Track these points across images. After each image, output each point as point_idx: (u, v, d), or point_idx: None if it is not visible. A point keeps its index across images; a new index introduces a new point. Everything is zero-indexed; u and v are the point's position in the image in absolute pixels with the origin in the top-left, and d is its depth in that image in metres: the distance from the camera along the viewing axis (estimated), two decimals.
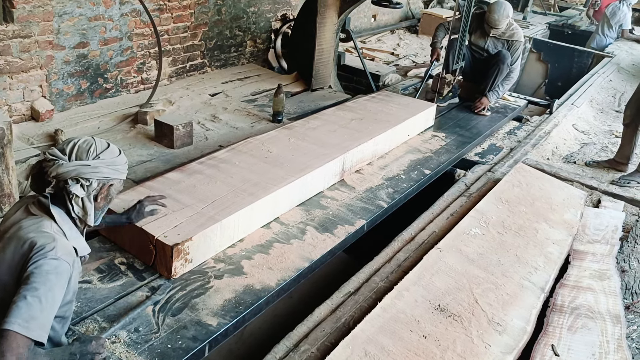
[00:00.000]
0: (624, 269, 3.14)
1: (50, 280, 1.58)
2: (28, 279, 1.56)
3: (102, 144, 1.80)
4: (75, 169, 1.71)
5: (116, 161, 1.80)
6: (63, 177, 1.72)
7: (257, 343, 3.18)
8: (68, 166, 1.71)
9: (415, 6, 9.48)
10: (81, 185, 1.73)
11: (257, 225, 2.89)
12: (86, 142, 1.77)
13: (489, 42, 5.02)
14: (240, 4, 5.74)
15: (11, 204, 3.11)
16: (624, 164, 4.49)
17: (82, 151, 1.74)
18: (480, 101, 5.00)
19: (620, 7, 8.79)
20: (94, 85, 4.59)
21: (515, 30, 4.96)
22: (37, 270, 1.57)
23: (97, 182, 1.76)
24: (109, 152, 1.79)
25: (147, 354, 2.05)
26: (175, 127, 3.95)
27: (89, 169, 1.73)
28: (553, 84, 9.03)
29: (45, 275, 1.57)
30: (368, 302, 2.59)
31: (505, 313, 2.55)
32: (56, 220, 1.71)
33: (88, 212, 1.77)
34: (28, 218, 1.71)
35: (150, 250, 2.46)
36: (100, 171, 1.75)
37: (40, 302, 1.54)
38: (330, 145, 3.53)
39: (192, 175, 3.02)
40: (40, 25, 3.99)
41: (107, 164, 1.77)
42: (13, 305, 1.52)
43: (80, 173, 1.72)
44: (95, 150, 1.76)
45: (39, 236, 1.64)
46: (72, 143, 1.76)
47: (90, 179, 1.74)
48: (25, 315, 1.51)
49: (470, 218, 3.28)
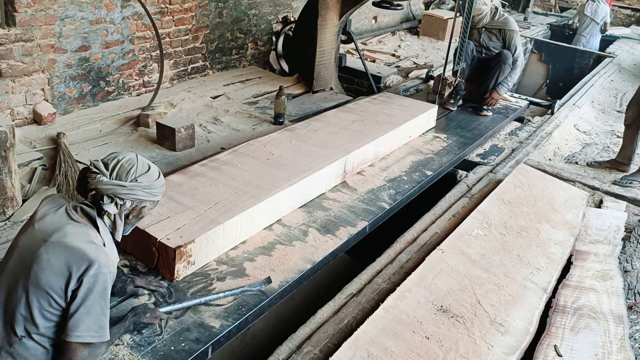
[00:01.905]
0: (627, 269, 3.13)
1: (107, 291, 1.74)
2: (89, 294, 1.69)
3: (143, 167, 1.86)
4: (112, 188, 1.79)
5: (153, 185, 1.87)
6: (100, 192, 1.79)
7: (259, 345, 3.19)
8: (106, 183, 1.79)
9: (416, 8, 9.49)
10: (115, 204, 1.81)
11: (259, 227, 2.89)
12: (129, 161, 1.84)
13: (483, 36, 5.02)
14: (241, 7, 5.75)
15: (14, 207, 3.12)
16: (625, 165, 4.49)
17: (123, 171, 1.81)
18: (492, 97, 5.01)
19: (598, 4, 8.80)
20: (95, 89, 4.61)
21: (505, 19, 4.97)
22: (96, 287, 1.70)
23: (131, 202, 1.84)
24: (148, 175, 1.86)
25: (150, 356, 2.05)
26: (177, 130, 3.96)
27: (125, 189, 1.80)
28: (554, 84, 9.04)
29: (103, 290, 1.72)
30: (370, 304, 2.59)
31: (508, 314, 2.55)
32: (99, 230, 1.79)
33: (117, 229, 1.86)
34: (72, 224, 1.76)
35: (153, 253, 2.47)
36: (135, 193, 1.83)
37: (103, 312, 1.73)
38: (332, 147, 3.54)
39: (194, 177, 3.03)
40: (42, 29, 4.01)
41: (144, 187, 1.84)
42: (78, 318, 1.68)
43: (116, 192, 1.79)
44: (134, 172, 1.83)
45: (90, 248, 1.72)
46: (116, 160, 1.83)
47: (125, 199, 1.82)
48: (94, 326, 1.70)
49: (472, 219, 3.28)
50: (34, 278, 1.68)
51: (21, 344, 1.70)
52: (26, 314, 1.69)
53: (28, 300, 1.68)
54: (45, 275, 1.68)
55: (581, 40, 8.95)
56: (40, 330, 1.71)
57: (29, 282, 1.68)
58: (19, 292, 1.70)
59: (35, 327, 1.70)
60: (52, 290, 1.68)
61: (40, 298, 1.68)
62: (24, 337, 1.70)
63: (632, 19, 11.70)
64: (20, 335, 1.70)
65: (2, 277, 1.78)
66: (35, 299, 1.68)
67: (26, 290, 1.69)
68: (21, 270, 1.72)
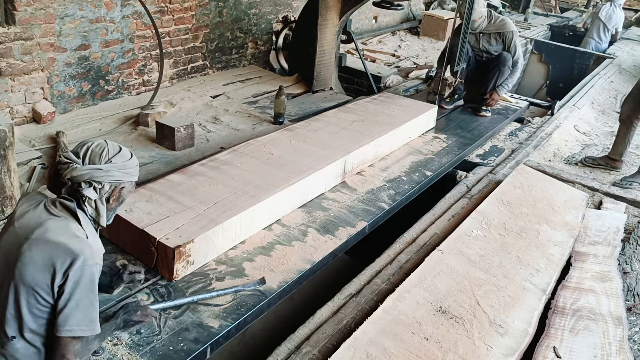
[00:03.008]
0: (626, 270, 3.13)
1: (94, 283, 1.74)
2: (76, 287, 1.68)
3: (114, 148, 1.85)
4: (88, 172, 1.77)
5: (127, 164, 1.86)
6: (77, 180, 1.77)
7: (258, 345, 3.18)
8: (81, 170, 1.76)
9: (416, 8, 9.49)
10: (94, 189, 1.79)
11: (258, 227, 2.89)
12: (99, 146, 1.82)
13: (482, 39, 5.02)
14: (241, 6, 5.75)
15: (13, 205, 3.11)
16: (617, 161, 4.51)
17: (95, 155, 1.79)
18: (492, 97, 5.01)
19: (614, 10, 8.77)
20: (95, 88, 4.60)
21: (502, 22, 4.97)
22: (82, 280, 1.69)
23: (109, 185, 1.82)
24: (121, 155, 1.85)
25: (149, 356, 2.05)
26: (176, 129, 3.96)
27: (101, 172, 1.78)
28: (554, 85, 9.04)
29: (90, 282, 1.72)
30: (369, 304, 2.59)
31: (507, 315, 2.55)
32: (81, 223, 1.77)
33: (101, 214, 1.83)
34: (52, 219, 1.74)
35: (152, 252, 2.46)
36: (112, 175, 1.81)
37: (92, 305, 1.73)
38: (332, 147, 3.54)
39: (193, 177, 3.02)
40: (41, 28, 4.00)
41: (119, 167, 1.82)
42: (68, 313, 1.67)
43: (93, 177, 1.78)
44: (107, 154, 1.81)
45: (74, 241, 1.70)
46: (85, 147, 1.81)
47: (103, 182, 1.80)
48: (84, 320, 1.70)
49: (472, 220, 3.28)
50: (19, 276, 1.66)
51: (12, 345, 1.69)
52: (15, 313, 1.68)
53: (16, 299, 1.67)
54: (30, 272, 1.66)
55: (590, 43, 8.85)
56: (30, 329, 1.69)
57: (15, 281, 1.67)
58: (6, 292, 1.68)
59: (25, 327, 1.68)
60: (38, 287, 1.66)
61: (28, 296, 1.66)
62: (15, 338, 1.69)
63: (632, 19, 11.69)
64: (11, 335, 1.68)
65: None
66: (23, 298, 1.66)
67: (13, 289, 1.67)
68: (6, 270, 1.70)
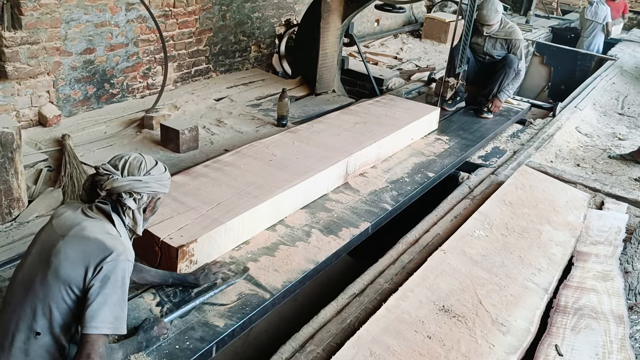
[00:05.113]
0: (627, 270, 3.15)
1: (125, 281, 1.79)
2: (107, 281, 1.72)
3: (151, 161, 1.96)
4: (129, 183, 1.86)
5: (163, 177, 1.97)
6: (117, 191, 1.86)
7: (263, 345, 3.20)
8: (122, 181, 1.86)
9: (418, 11, 9.52)
10: (134, 199, 1.89)
11: (261, 228, 2.92)
12: (136, 159, 1.92)
13: (487, 43, 5.04)
14: (244, 10, 5.79)
15: (20, 207, 3.15)
16: None
17: (134, 167, 1.89)
18: (494, 104, 5.03)
19: (598, 6, 8.86)
20: (100, 91, 4.64)
21: (512, 28, 4.98)
22: (113, 274, 1.74)
23: (147, 195, 1.92)
24: (157, 168, 1.96)
25: (155, 354, 2.08)
26: (181, 132, 3.99)
27: (141, 184, 1.88)
28: (556, 87, 9.04)
29: (121, 279, 1.76)
30: (373, 304, 2.61)
31: (509, 314, 2.57)
32: (115, 225, 1.86)
33: (138, 223, 1.93)
34: (88, 220, 1.83)
35: (156, 252, 2.49)
36: (150, 186, 1.91)
37: (120, 303, 1.76)
38: (335, 149, 3.56)
39: (197, 178, 3.05)
40: (47, 32, 4.04)
41: (156, 179, 1.93)
42: (96, 308, 1.69)
43: (133, 187, 1.87)
44: (145, 167, 1.91)
45: (107, 238, 1.78)
46: (123, 159, 1.90)
47: (142, 193, 1.89)
48: (110, 317, 1.71)
49: (474, 220, 3.30)
50: (54, 272, 1.72)
51: (37, 341, 1.73)
52: (44, 309, 1.72)
53: (46, 295, 1.72)
54: (64, 267, 1.72)
55: (584, 43, 9.00)
56: (59, 326, 1.73)
57: (48, 276, 1.72)
58: (37, 288, 1.73)
59: (53, 323, 1.73)
60: (72, 282, 1.72)
61: (60, 292, 1.71)
62: (40, 334, 1.73)
63: (634, 21, 11.69)
64: (37, 331, 1.72)
65: (20, 275, 1.82)
66: (55, 294, 1.71)
67: (45, 285, 1.72)
68: (39, 265, 1.76)
